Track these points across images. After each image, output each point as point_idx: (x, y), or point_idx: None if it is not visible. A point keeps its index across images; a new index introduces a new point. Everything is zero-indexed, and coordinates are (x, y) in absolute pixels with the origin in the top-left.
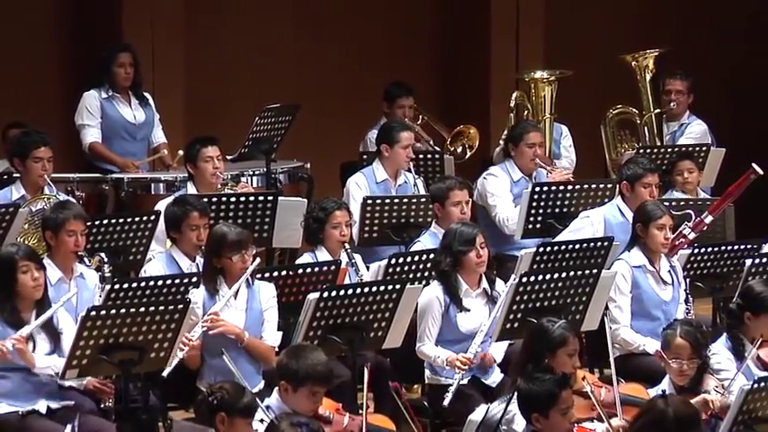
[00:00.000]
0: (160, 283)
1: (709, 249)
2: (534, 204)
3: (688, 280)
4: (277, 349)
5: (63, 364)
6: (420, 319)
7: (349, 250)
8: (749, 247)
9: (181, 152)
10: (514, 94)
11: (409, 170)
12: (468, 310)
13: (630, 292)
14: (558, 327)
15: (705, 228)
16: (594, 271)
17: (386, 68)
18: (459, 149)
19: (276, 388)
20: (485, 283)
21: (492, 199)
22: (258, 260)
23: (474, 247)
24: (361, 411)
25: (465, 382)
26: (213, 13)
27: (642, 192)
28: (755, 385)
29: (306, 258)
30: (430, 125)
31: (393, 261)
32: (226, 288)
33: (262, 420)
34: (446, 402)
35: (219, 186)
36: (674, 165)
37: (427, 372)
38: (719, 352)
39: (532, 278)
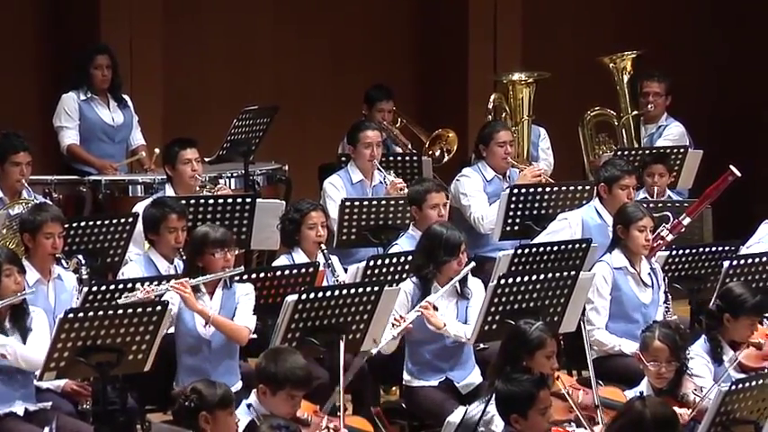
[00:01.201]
0: (138, 285)
1: (687, 251)
2: (512, 206)
3: (666, 281)
4: (255, 351)
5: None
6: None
7: (326, 251)
8: (727, 248)
9: (157, 150)
10: (492, 97)
11: (379, 169)
12: (436, 309)
13: (610, 294)
14: (536, 328)
15: (683, 229)
16: (573, 273)
17: (364, 71)
18: (438, 153)
19: (254, 390)
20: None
21: (466, 199)
22: (241, 268)
23: (458, 255)
24: (338, 413)
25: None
26: (191, 15)
27: (620, 194)
28: (733, 387)
29: (282, 260)
30: (409, 128)
31: (372, 263)
32: (203, 290)
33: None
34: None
35: (198, 188)
36: (645, 166)
37: (405, 374)
38: (697, 357)
39: (511, 280)
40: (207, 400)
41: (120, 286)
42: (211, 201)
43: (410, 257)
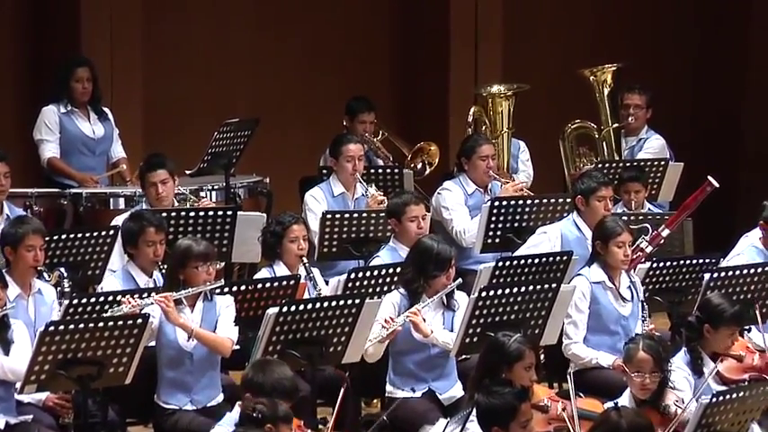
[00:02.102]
0: (119, 298)
1: (668, 263)
2: (493, 219)
3: (647, 294)
4: (236, 364)
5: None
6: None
7: (307, 264)
8: (707, 261)
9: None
10: (472, 109)
11: (361, 182)
12: (423, 320)
13: (589, 308)
14: (515, 341)
15: (662, 241)
16: (554, 285)
17: (345, 83)
18: (420, 166)
19: (239, 402)
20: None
21: (447, 213)
22: (223, 281)
23: (448, 270)
24: (321, 426)
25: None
26: (172, 28)
27: (597, 205)
28: (714, 399)
29: (263, 273)
30: (390, 141)
31: (353, 275)
32: (185, 303)
33: None
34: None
35: (178, 202)
36: (622, 183)
37: (387, 386)
38: (677, 369)
39: (492, 293)
40: (272, 413)
41: (101, 299)
42: (192, 213)
43: (391, 270)
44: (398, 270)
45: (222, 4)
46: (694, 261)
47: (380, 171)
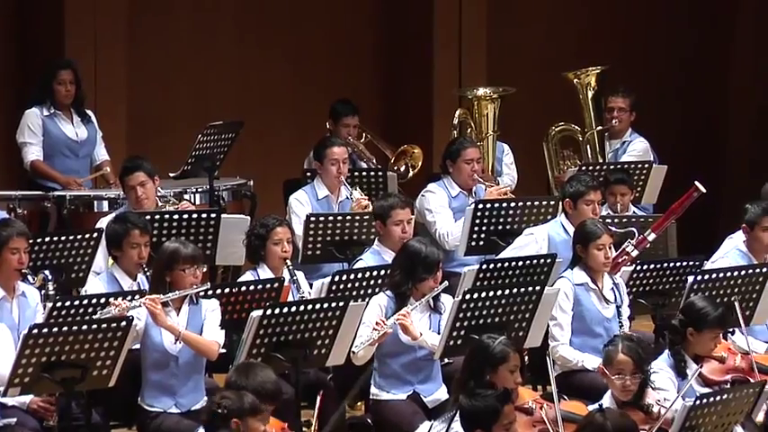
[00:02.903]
0: (103, 300)
1: (652, 266)
2: (477, 221)
3: (631, 297)
4: (220, 367)
5: None
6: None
7: (291, 267)
8: (691, 264)
9: None
10: (457, 112)
11: (345, 185)
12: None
13: (572, 310)
14: (499, 343)
15: (648, 245)
16: (537, 288)
17: (329, 86)
18: (403, 168)
19: None
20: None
21: (431, 215)
22: (209, 284)
23: (435, 273)
24: (305, 429)
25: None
26: (156, 30)
27: (585, 209)
28: (698, 402)
29: (248, 276)
30: (374, 144)
31: (336, 278)
32: (171, 306)
33: None
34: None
35: (162, 204)
36: (607, 185)
37: (372, 388)
38: (660, 371)
39: (476, 295)
40: (237, 407)
41: (85, 302)
42: (176, 216)
43: (375, 273)
44: (382, 273)
45: (207, 7)
46: (678, 264)
47: (364, 174)
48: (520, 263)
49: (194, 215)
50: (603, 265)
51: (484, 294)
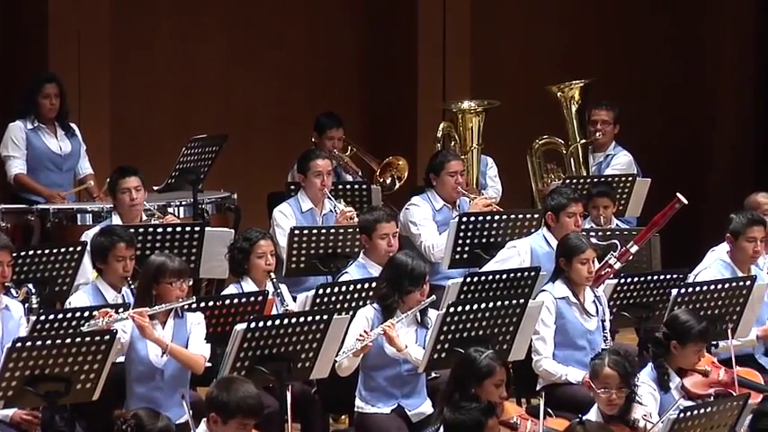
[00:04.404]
0: (87, 314)
1: (635, 279)
2: (461, 234)
3: (614, 310)
4: (204, 380)
5: None
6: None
7: (274, 280)
8: (675, 276)
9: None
10: (441, 125)
11: (329, 197)
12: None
13: (555, 323)
14: (486, 357)
15: (631, 257)
16: (521, 301)
17: (313, 99)
18: (389, 181)
19: (204, 419)
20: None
21: (415, 228)
22: (194, 298)
23: (422, 286)
24: None
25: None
26: (140, 44)
27: (567, 221)
28: (682, 414)
29: (231, 290)
30: (359, 156)
31: (321, 291)
32: (157, 320)
33: None
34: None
35: (145, 217)
36: (590, 198)
37: (357, 401)
38: (643, 385)
39: (460, 308)
40: (145, 429)
41: (69, 315)
42: (160, 229)
43: (360, 286)
44: (367, 286)
45: (191, 21)
46: (662, 276)
47: (348, 187)
48: (504, 276)
49: (178, 228)
50: (586, 279)
51: (468, 307)
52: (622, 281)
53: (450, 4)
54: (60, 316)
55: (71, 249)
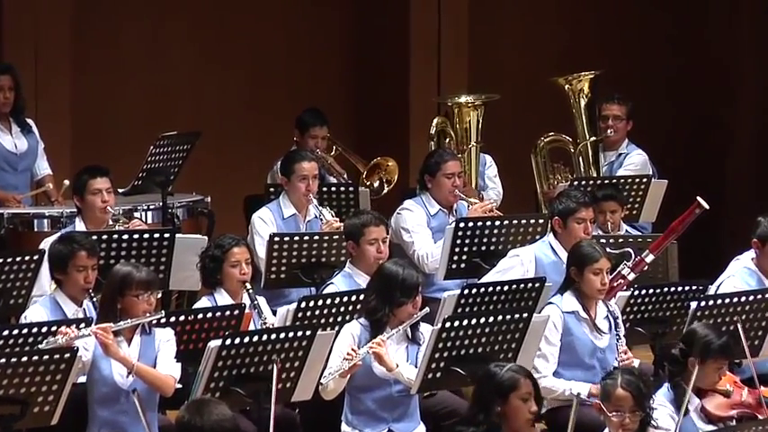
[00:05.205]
0: (44, 329)
1: (651, 291)
2: (458, 242)
3: (627, 325)
4: (174, 403)
5: None
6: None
7: (251, 291)
8: (694, 288)
9: (67, 182)
10: (435, 120)
11: (314, 204)
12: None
13: (561, 340)
14: (508, 369)
15: (646, 268)
16: (525, 315)
17: (294, 93)
18: (377, 184)
19: None
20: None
21: (408, 235)
22: (162, 312)
23: (414, 298)
24: None
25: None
26: (104, 34)
27: (576, 228)
28: None
29: (204, 302)
30: (345, 157)
31: (303, 305)
32: (122, 336)
33: None
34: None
35: (110, 222)
36: (597, 200)
37: (343, 426)
38: (660, 406)
39: (457, 323)
40: None
41: (25, 331)
42: (125, 236)
43: (346, 298)
44: (354, 299)
45: (160, 9)
46: (680, 288)
47: (333, 190)
48: (505, 287)
49: (145, 235)
50: (599, 291)
51: (466, 322)
52: (636, 293)
53: None
54: (15, 332)
55: (27, 258)
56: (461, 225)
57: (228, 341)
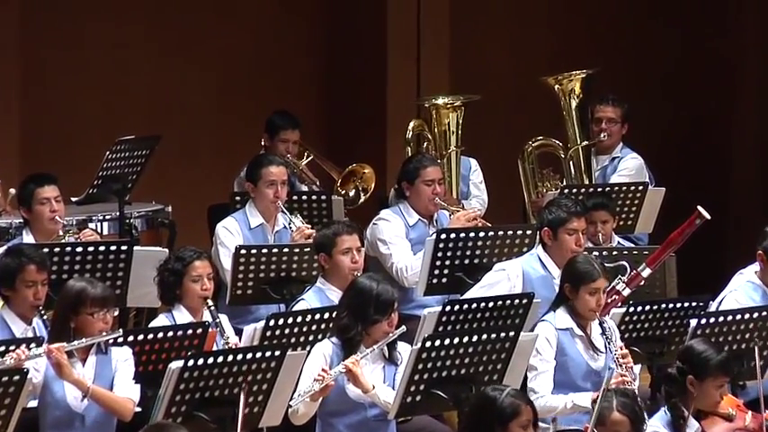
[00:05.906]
0: (1, 349)
1: (647, 308)
2: (439, 255)
3: (622, 343)
4: (133, 428)
5: None
6: None
7: (212, 308)
8: (694, 304)
9: (12, 191)
10: (412, 123)
11: (283, 211)
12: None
13: (555, 359)
14: (507, 395)
15: (642, 282)
16: (512, 333)
17: (261, 95)
18: (352, 192)
19: None
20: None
21: (385, 247)
22: (120, 331)
23: (390, 315)
24: None
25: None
26: (56, 32)
27: (567, 239)
28: None
29: (161, 320)
30: (317, 164)
31: (272, 323)
32: (76, 356)
33: None
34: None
35: (61, 233)
36: (587, 211)
37: None
38: (657, 430)
39: (438, 342)
40: None
41: None
42: (79, 249)
43: (318, 316)
44: (327, 316)
45: (116, 5)
46: (678, 304)
47: (305, 198)
48: (491, 304)
49: (101, 247)
50: (592, 311)
51: (447, 341)
52: (632, 310)
53: None
54: None
55: None
56: (443, 236)
57: (191, 362)
